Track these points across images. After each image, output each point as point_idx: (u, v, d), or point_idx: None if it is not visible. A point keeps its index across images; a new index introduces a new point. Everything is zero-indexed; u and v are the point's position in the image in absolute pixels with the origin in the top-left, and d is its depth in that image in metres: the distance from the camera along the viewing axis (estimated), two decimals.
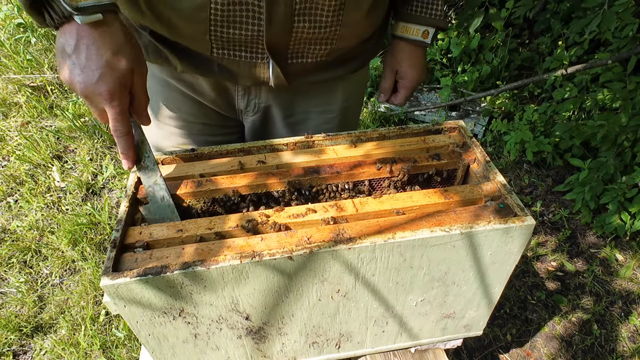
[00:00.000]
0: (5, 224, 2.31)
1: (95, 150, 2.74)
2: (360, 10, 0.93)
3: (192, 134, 1.17)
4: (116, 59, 0.72)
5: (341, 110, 1.20)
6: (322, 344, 0.97)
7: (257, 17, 0.85)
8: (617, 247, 2.27)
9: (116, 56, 0.72)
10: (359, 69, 1.12)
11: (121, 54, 0.73)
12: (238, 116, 1.16)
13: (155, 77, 1.08)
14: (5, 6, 3.44)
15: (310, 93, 1.13)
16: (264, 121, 1.17)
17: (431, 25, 1.06)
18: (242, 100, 1.10)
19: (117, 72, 0.72)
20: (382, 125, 3.05)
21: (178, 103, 1.11)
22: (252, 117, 1.15)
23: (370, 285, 0.84)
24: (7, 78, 3.09)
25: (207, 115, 1.14)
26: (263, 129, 1.18)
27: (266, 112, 1.14)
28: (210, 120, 1.15)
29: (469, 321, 1.02)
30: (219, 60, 0.95)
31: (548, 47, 3.02)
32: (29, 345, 1.88)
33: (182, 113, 1.13)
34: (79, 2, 0.67)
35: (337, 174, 0.93)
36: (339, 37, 0.95)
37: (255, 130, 1.18)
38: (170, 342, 0.85)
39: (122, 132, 0.78)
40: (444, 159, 0.97)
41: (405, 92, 1.17)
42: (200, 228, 0.81)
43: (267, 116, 1.15)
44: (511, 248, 0.83)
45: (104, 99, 0.72)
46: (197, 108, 1.12)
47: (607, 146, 2.30)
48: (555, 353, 1.91)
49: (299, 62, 0.98)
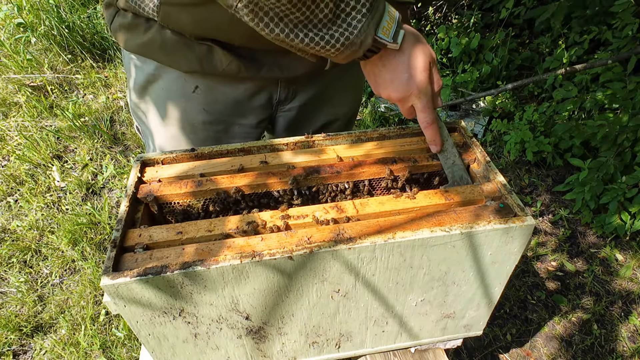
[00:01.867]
0: (5, 224, 2.31)
1: (95, 150, 2.74)
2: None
3: (228, 137, 1.17)
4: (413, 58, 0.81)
5: (350, 109, 1.27)
6: (322, 344, 0.97)
7: None
8: (617, 247, 2.27)
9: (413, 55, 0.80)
10: None
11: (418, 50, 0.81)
12: (273, 111, 1.18)
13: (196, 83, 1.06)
14: (5, 6, 3.44)
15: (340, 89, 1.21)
16: (300, 108, 1.19)
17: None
18: (284, 90, 1.12)
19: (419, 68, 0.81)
20: (382, 125, 3.05)
21: (219, 105, 1.10)
22: (289, 105, 1.17)
23: (370, 285, 0.84)
24: (7, 78, 3.09)
25: (245, 115, 1.14)
26: (299, 120, 1.22)
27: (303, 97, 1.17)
28: (247, 120, 1.15)
29: (469, 321, 1.02)
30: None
31: (548, 47, 3.02)
32: (29, 345, 1.88)
33: (223, 115, 1.12)
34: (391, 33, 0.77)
35: (337, 173, 0.93)
36: None
37: (290, 120, 1.22)
38: (170, 341, 0.85)
39: (431, 120, 0.87)
40: None
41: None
42: (200, 230, 0.81)
43: (303, 107, 1.19)
44: (511, 248, 0.83)
45: (414, 94, 0.82)
46: (237, 108, 1.12)
47: (607, 146, 2.30)
48: (555, 353, 1.91)
49: None
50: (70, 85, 3.21)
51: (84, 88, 3.20)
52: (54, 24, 3.28)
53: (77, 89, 3.20)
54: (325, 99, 1.22)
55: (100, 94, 3.14)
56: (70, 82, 3.22)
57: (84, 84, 3.21)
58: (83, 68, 3.34)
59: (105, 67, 3.40)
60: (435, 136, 0.91)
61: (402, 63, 0.80)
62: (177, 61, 0.99)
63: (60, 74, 3.23)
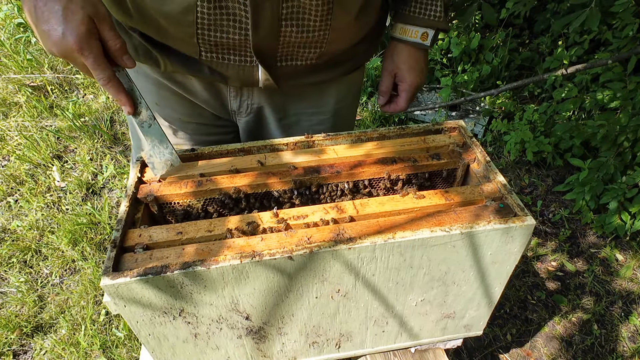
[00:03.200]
0: (5, 224, 2.31)
1: (95, 150, 2.74)
2: (349, 15, 0.92)
3: (187, 134, 1.17)
4: (69, 11, 0.70)
5: (334, 112, 1.19)
6: (322, 344, 0.97)
7: (243, 21, 0.85)
8: (617, 247, 2.27)
9: (68, 8, 0.70)
10: (352, 71, 1.12)
11: (72, 3, 0.71)
12: (231, 117, 1.16)
13: (147, 77, 1.07)
14: (5, 6, 3.44)
15: (302, 95, 1.13)
16: (258, 122, 1.17)
17: (430, 26, 1.04)
18: (235, 102, 1.10)
19: (75, 22, 0.71)
20: (382, 125, 3.05)
21: (171, 103, 1.11)
22: (246, 118, 1.15)
23: (371, 285, 0.84)
24: (7, 78, 3.09)
25: (201, 115, 1.14)
26: (257, 130, 1.18)
27: (259, 113, 1.14)
28: (204, 119, 1.15)
29: (469, 321, 1.02)
30: (208, 63, 0.95)
31: (548, 47, 3.02)
32: (29, 345, 1.88)
33: (176, 113, 1.13)
34: None
35: (337, 173, 0.93)
36: (328, 41, 0.95)
37: (249, 131, 1.18)
38: (170, 341, 0.85)
39: (105, 78, 0.77)
40: (443, 158, 0.97)
41: (405, 95, 1.13)
42: (200, 230, 0.81)
43: (260, 117, 1.15)
44: (511, 248, 0.83)
45: (76, 51, 0.72)
46: (191, 108, 1.12)
47: (607, 146, 2.30)
48: (555, 353, 1.91)
49: (288, 65, 0.98)
50: (70, 85, 3.21)
51: (84, 88, 3.20)
52: None
53: (77, 89, 3.20)
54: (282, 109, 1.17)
55: (100, 94, 3.13)
56: (70, 82, 3.22)
57: (84, 84, 3.21)
58: None
59: None
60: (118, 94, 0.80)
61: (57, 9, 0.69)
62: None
63: (60, 74, 3.23)
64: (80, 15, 0.71)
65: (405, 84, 1.12)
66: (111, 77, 0.77)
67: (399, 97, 1.14)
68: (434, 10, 1.02)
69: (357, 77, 1.21)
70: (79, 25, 0.71)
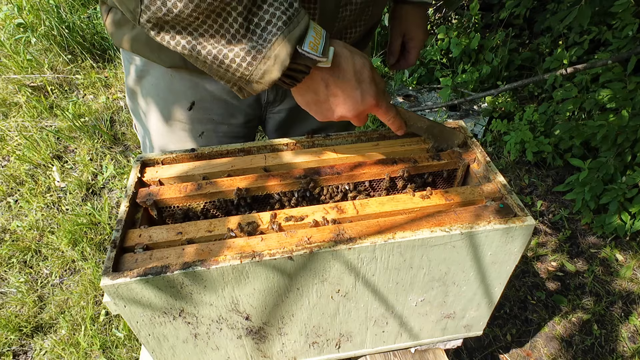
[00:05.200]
0: (5, 224, 2.31)
1: (95, 150, 2.74)
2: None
3: (217, 136, 1.16)
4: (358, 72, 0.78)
5: None
6: (322, 344, 0.97)
7: (311, 8, 0.87)
8: (617, 247, 2.27)
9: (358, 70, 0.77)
10: (366, 46, 1.20)
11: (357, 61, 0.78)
12: (262, 112, 1.17)
13: (183, 80, 1.06)
14: (5, 6, 3.44)
15: None
16: (292, 111, 1.19)
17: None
18: (272, 92, 1.11)
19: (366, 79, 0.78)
20: (382, 125, 3.05)
21: (206, 103, 1.10)
22: (279, 107, 1.17)
23: (371, 285, 0.84)
24: (7, 78, 3.09)
25: (233, 115, 1.13)
26: (291, 121, 1.21)
27: (292, 100, 1.15)
28: (236, 120, 1.15)
29: (469, 321, 1.02)
30: None
31: (548, 47, 3.02)
32: (29, 345, 1.88)
33: (210, 113, 1.12)
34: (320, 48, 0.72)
35: (338, 175, 0.93)
36: (370, 16, 0.99)
37: (280, 122, 1.21)
38: (170, 342, 0.85)
39: (394, 114, 0.87)
40: (444, 159, 0.97)
41: (415, 52, 1.24)
42: (200, 230, 0.81)
43: (292, 109, 1.18)
44: (511, 248, 0.83)
45: (372, 107, 0.81)
46: (224, 107, 1.11)
47: (607, 146, 2.30)
48: (555, 353, 1.91)
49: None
50: (70, 85, 3.21)
51: (84, 88, 3.20)
52: (54, 24, 3.28)
53: (77, 89, 3.20)
54: None
55: (100, 94, 3.14)
56: (70, 82, 3.22)
57: (84, 84, 3.21)
58: (83, 68, 3.34)
59: (105, 68, 3.40)
60: (400, 123, 0.90)
61: (348, 81, 0.77)
62: (160, 56, 0.98)
63: (60, 74, 3.23)
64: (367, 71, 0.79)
65: (415, 41, 1.22)
66: (396, 111, 0.88)
67: (409, 53, 1.25)
68: None
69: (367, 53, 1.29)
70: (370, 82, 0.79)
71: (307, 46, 0.70)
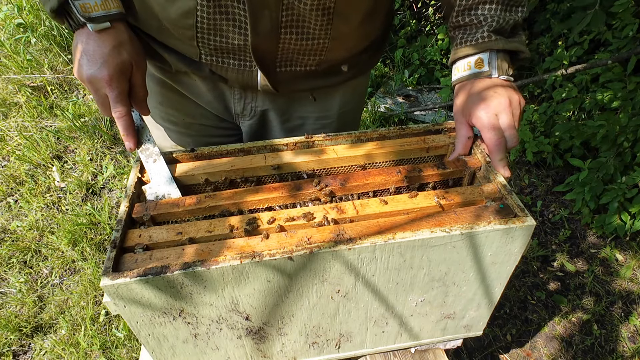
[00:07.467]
0: (5, 224, 2.31)
1: (95, 150, 2.74)
2: (350, 24, 0.92)
3: (191, 135, 1.17)
4: (116, 51, 0.82)
5: (339, 116, 1.19)
6: (322, 344, 0.97)
7: (243, 26, 0.86)
8: (617, 247, 2.27)
9: (117, 48, 0.82)
10: (355, 78, 1.10)
11: (122, 47, 0.83)
12: (235, 120, 1.16)
13: (153, 78, 1.08)
14: (5, 6, 3.44)
15: (306, 99, 1.13)
16: (261, 126, 1.16)
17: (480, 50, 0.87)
18: (239, 104, 1.10)
19: (116, 60, 0.82)
20: (382, 125, 3.05)
21: (176, 103, 1.11)
22: (249, 121, 1.15)
23: (371, 285, 0.84)
24: (7, 78, 3.09)
25: (205, 116, 1.14)
26: (260, 133, 1.18)
27: (263, 116, 1.14)
28: (208, 121, 1.15)
29: (469, 321, 1.02)
30: (209, 66, 0.97)
31: (548, 47, 3.02)
32: (29, 345, 1.88)
33: (180, 113, 1.13)
34: (91, 13, 0.79)
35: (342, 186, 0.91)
36: (328, 49, 0.95)
37: (252, 134, 1.18)
38: (170, 342, 0.85)
39: (121, 112, 0.85)
40: (449, 167, 0.95)
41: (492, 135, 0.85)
42: (200, 230, 0.81)
43: (264, 121, 1.15)
44: (511, 248, 0.83)
45: (105, 82, 0.81)
46: (195, 109, 1.12)
47: (607, 146, 2.30)
48: (555, 353, 1.91)
49: (287, 71, 0.98)
50: (70, 85, 3.21)
51: (84, 88, 3.19)
52: (54, 24, 3.28)
53: (77, 89, 3.20)
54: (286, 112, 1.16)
55: None
56: (70, 82, 3.22)
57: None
58: None
59: None
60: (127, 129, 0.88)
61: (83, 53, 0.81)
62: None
63: (60, 74, 3.23)
64: (123, 58, 0.83)
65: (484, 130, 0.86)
66: (127, 113, 0.86)
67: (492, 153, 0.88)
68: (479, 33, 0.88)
69: (362, 81, 1.20)
70: (118, 64, 0.82)
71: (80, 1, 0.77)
